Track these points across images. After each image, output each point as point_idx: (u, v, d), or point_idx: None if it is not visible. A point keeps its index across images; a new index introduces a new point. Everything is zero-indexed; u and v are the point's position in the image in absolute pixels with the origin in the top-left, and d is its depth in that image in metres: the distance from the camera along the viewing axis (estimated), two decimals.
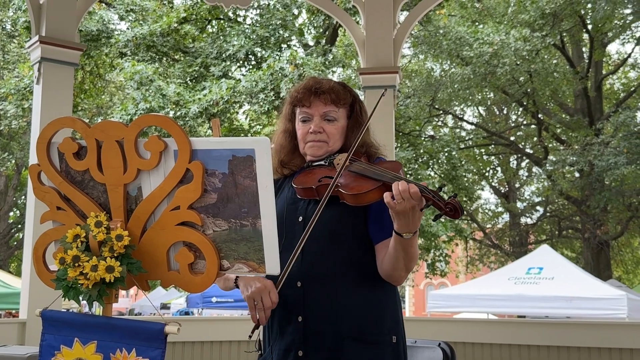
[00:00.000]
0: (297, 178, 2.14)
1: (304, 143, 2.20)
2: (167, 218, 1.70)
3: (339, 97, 2.18)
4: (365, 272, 2.08)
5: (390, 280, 2.08)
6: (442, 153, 16.20)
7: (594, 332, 4.83)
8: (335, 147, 2.19)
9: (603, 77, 19.75)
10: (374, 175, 1.99)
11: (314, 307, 2.05)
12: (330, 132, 2.18)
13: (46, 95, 4.93)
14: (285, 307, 2.07)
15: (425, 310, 13.39)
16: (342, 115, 2.20)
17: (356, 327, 2.03)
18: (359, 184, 1.99)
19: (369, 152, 2.21)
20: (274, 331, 2.11)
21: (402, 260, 1.99)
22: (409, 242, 1.94)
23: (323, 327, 2.03)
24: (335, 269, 2.07)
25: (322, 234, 2.04)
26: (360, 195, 1.97)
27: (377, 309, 2.08)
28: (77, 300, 1.66)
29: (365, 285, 2.08)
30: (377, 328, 2.06)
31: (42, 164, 1.78)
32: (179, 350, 4.97)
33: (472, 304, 11.43)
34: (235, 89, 12.82)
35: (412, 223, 1.89)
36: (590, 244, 17.82)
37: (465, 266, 23.90)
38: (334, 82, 2.23)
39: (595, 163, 15.07)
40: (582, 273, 11.81)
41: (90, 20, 14.51)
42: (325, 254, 2.07)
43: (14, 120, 14.96)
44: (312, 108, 2.18)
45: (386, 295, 2.11)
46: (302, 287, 2.06)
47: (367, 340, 2.03)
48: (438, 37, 16.18)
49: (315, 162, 2.19)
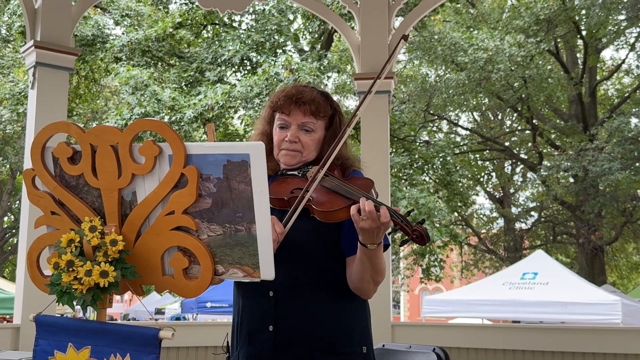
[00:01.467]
0: (271, 187, 2.12)
1: (279, 149, 2.20)
2: (162, 223, 1.70)
3: (319, 110, 2.17)
4: (336, 284, 2.09)
5: (359, 293, 2.10)
6: (437, 158, 16.22)
7: (589, 337, 4.84)
8: (309, 157, 2.19)
9: (597, 83, 19.82)
10: (345, 193, 1.99)
11: (286, 318, 2.05)
12: (306, 142, 2.17)
13: (41, 100, 4.93)
14: (257, 315, 2.08)
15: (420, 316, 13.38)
16: (320, 127, 2.20)
17: (327, 339, 2.05)
18: (329, 201, 2.00)
19: (344, 164, 2.20)
20: (242, 337, 2.11)
21: (368, 272, 2.01)
22: (374, 253, 1.95)
23: (294, 338, 2.04)
24: (308, 281, 2.07)
25: (294, 244, 2.04)
26: (330, 213, 1.98)
27: (347, 321, 2.09)
28: (71, 305, 1.66)
29: (336, 297, 2.09)
30: (348, 339, 2.07)
31: (36, 168, 1.78)
32: (174, 355, 4.96)
33: (467, 309, 11.44)
34: (230, 94, 12.83)
35: (376, 237, 1.91)
36: (585, 249, 17.85)
37: (460, 271, 23.91)
38: (316, 92, 2.22)
39: (590, 168, 15.11)
40: (576, 278, 11.83)
41: (85, 25, 14.50)
42: (298, 265, 2.07)
43: (8, 125, 14.93)
44: (291, 116, 2.17)
45: (357, 306, 2.13)
46: (274, 296, 2.06)
47: (338, 352, 2.05)
48: (433, 42, 16.21)
49: (289, 171, 2.19)
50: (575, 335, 4.93)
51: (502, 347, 4.91)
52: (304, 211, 2.02)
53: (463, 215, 21.56)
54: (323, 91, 2.27)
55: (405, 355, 2.25)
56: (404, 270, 23.55)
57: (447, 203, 16.98)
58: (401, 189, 13.93)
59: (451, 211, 17.80)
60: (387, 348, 2.54)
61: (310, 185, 2.02)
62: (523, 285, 11.11)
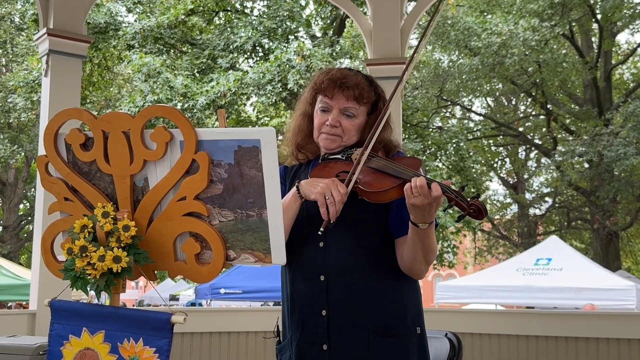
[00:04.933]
0: (314, 171, 2.12)
1: (319, 132, 2.18)
2: (174, 208, 1.71)
3: (362, 95, 2.15)
4: (387, 266, 2.08)
5: (411, 274, 2.08)
6: (450, 144, 16.14)
7: (603, 322, 4.82)
8: (349, 142, 2.17)
9: (612, 67, 19.61)
10: (393, 172, 1.95)
11: (339, 302, 2.04)
12: (347, 127, 2.15)
13: (54, 88, 4.95)
14: (309, 300, 2.07)
15: (433, 302, 13.38)
16: (362, 112, 2.17)
17: (381, 321, 2.03)
18: (378, 182, 1.96)
19: (387, 146, 2.18)
20: (294, 322, 2.11)
21: (420, 252, 1.99)
22: (426, 233, 1.93)
23: (348, 322, 2.03)
24: (358, 263, 2.06)
25: (343, 228, 2.03)
26: (380, 193, 1.94)
27: (400, 302, 2.08)
28: (84, 290, 1.67)
29: (387, 278, 2.08)
30: (402, 321, 2.06)
31: (49, 155, 1.79)
32: (188, 340, 5.00)
33: (480, 295, 11.43)
34: (242, 81, 12.82)
35: (428, 215, 1.88)
36: (600, 235, 17.75)
37: (473, 257, 23.87)
38: (361, 76, 2.19)
39: (605, 153, 14.99)
40: (591, 264, 11.77)
41: (98, 12, 14.52)
42: (348, 248, 2.06)
43: (23, 112, 15.03)
44: (334, 100, 2.14)
45: (408, 288, 2.12)
46: (326, 280, 2.05)
47: (392, 334, 2.04)
48: (446, 27, 16.10)
49: (331, 155, 2.17)
50: (589, 321, 4.91)
51: (515, 332, 4.91)
52: (351, 194, 1.99)
53: None
54: (368, 76, 2.24)
55: None
56: None
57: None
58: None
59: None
60: None
61: (357, 167, 1.98)
62: (537, 271, 11.08)
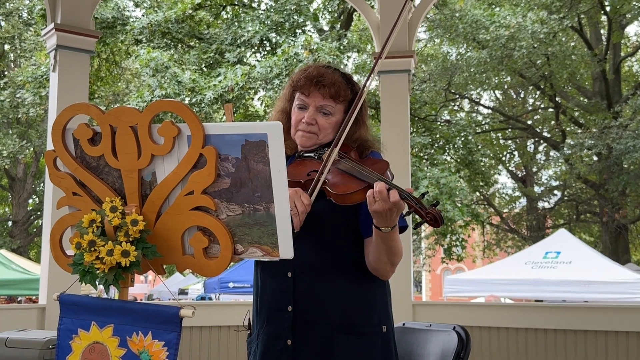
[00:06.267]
0: (288, 169, 2.12)
1: (295, 130, 2.20)
2: (182, 203, 1.71)
3: (339, 93, 2.16)
4: (354, 264, 2.10)
5: (377, 274, 2.10)
6: (458, 138, 16.10)
7: (612, 316, 4.81)
8: (325, 140, 2.18)
9: (621, 60, 19.49)
10: (360, 176, 1.98)
11: (304, 298, 2.06)
12: (323, 125, 2.16)
13: (62, 83, 4.97)
14: (276, 295, 2.09)
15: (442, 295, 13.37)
16: (339, 110, 2.18)
17: (346, 319, 2.05)
18: (344, 184, 1.99)
19: (362, 146, 2.19)
20: (261, 317, 2.13)
21: (384, 254, 2.01)
22: (389, 236, 1.95)
23: (313, 318, 2.05)
24: (326, 262, 2.08)
25: (313, 226, 2.04)
26: (345, 196, 1.98)
27: (366, 301, 2.09)
28: (93, 285, 1.68)
29: (354, 277, 2.09)
30: (367, 319, 2.08)
31: (57, 150, 1.80)
32: (197, 334, 5.02)
33: (489, 289, 11.42)
34: (250, 75, 12.82)
35: (390, 220, 1.90)
36: (609, 228, 17.69)
37: (482, 251, 23.83)
38: (338, 74, 2.20)
39: (614, 146, 14.92)
40: (599, 257, 11.73)
41: (105, 7, 14.54)
42: (316, 246, 2.08)
43: (31, 108, 15.09)
44: (310, 98, 2.16)
45: (376, 286, 2.13)
46: (293, 277, 2.07)
47: (357, 332, 2.05)
48: (454, 20, 16.03)
49: (305, 153, 2.18)
50: (598, 314, 4.90)
51: (524, 326, 4.90)
52: (321, 193, 2.02)
53: (485, 195, 21.43)
54: (345, 73, 2.25)
55: (425, 334, 2.26)
56: (426, 251, 23.53)
57: (469, 182, 16.88)
58: (422, 169, 13.87)
59: (473, 191, 17.70)
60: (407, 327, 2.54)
61: (324, 167, 2.02)
62: (546, 265, 11.06)
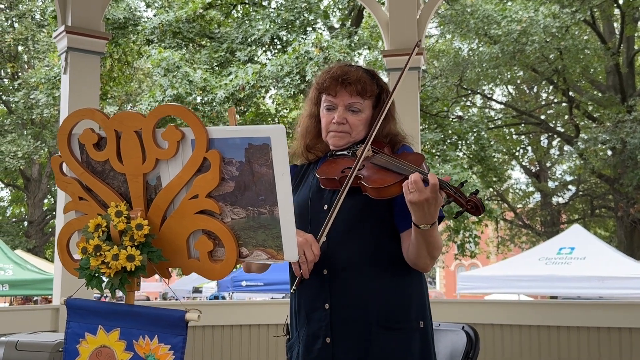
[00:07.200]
0: (321, 168, 2.15)
1: (327, 132, 2.20)
2: (186, 207, 1.72)
3: (365, 89, 2.16)
4: (390, 259, 2.09)
5: (417, 267, 2.09)
6: (470, 134, 16.04)
7: (627, 312, 4.76)
8: (358, 137, 2.18)
9: (635, 53, 19.30)
10: (395, 169, 1.97)
11: (341, 295, 2.06)
12: (354, 123, 2.16)
13: (73, 85, 5.01)
14: (312, 294, 2.09)
15: (455, 292, 13.34)
16: (367, 106, 2.18)
17: (383, 314, 2.04)
18: (381, 177, 1.98)
19: (393, 140, 2.20)
20: (300, 317, 2.13)
21: (424, 250, 1.99)
22: (428, 233, 1.94)
23: (350, 315, 2.05)
24: (360, 257, 2.07)
25: (346, 223, 2.05)
26: (382, 189, 1.96)
27: (403, 296, 2.09)
28: (99, 289, 1.70)
29: (390, 272, 2.08)
30: (404, 314, 2.07)
31: (63, 155, 1.82)
32: (209, 333, 5.04)
33: (502, 285, 11.36)
34: (261, 74, 12.83)
35: (429, 215, 1.88)
36: (624, 223, 17.55)
37: (496, 247, 23.74)
38: (362, 71, 2.20)
39: (628, 140, 14.79)
40: (614, 252, 11.64)
41: (117, 8, 14.61)
42: (349, 242, 2.08)
43: (45, 109, 15.21)
44: (337, 98, 2.16)
45: (412, 281, 2.12)
46: (328, 274, 2.07)
47: (394, 327, 2.04)
48: (465, 15, 15.96)
49: (338, 152, 2.19)
50: (613, 310, 4.86)
51: (538, 323, 4.87)
52: (356, 190, 2.02)
53: (498, 191, 21.33)
54: (369, 69, 2.25)
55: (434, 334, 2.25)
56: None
57: (482, 178, 16.82)
58: (434, 165, 13.84)
59: (486, 186, 17.62)
60: None
61: (357, 163, 2.01)
62: (560, 260, 10.98)
